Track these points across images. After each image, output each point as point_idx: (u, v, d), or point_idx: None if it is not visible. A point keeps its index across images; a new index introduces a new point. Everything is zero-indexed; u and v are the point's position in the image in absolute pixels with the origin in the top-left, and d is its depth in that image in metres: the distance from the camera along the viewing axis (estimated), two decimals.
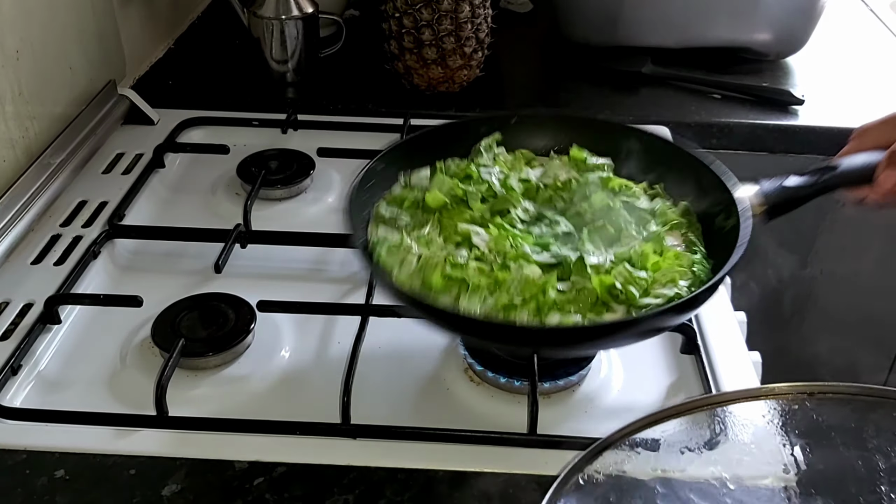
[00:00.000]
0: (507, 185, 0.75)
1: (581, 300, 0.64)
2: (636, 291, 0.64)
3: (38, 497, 0.60)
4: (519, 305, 0.63)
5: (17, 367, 0.71)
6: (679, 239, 0.72)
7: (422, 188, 0.75)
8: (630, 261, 0.67)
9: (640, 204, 0.74)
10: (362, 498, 0.61)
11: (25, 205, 0.88)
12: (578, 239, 0.70)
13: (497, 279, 0.64)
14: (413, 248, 0.67)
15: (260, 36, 1.17)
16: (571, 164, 0.78)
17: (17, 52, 0.88)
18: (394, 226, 0.71)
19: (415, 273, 0.66)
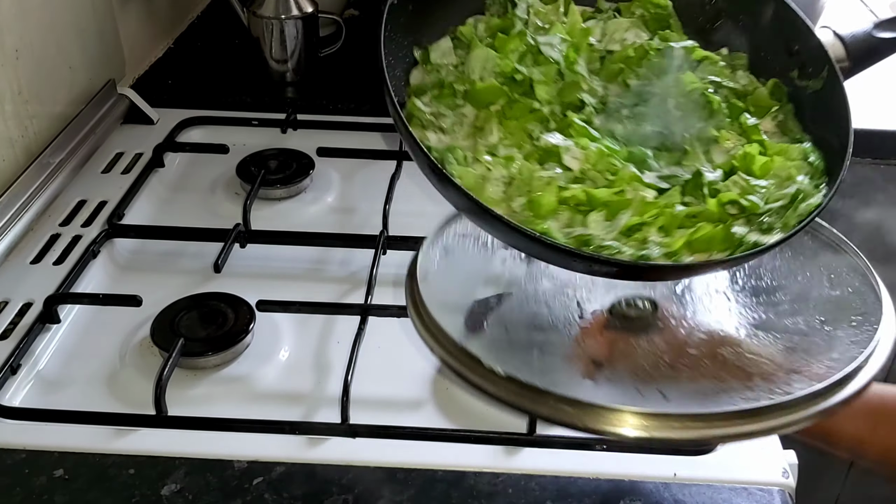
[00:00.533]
0: (571, 63, 0.63)
1: (704, 217, 0.56)
2: (759, 201, 0.57)
3: (37, 496, 0.60)
4: (647, 225, 0.54)
5: (16, 366, 0.71)
6: (771, 124, 0.65)
7: (451, 67, 0.65)
8: (735, 166, 0.59)
9: (730, 83, 0.65)
10: (361, 497, 0.61)
11: (25, 204, 0.88)
12: (673, 140, 0.61)
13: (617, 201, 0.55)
14: (489, 162, 0.57)
15: (259, 35, 1.17)
16: (638, 22, 0.67)
17: (17, 51, 0.88)
18: (439, 128, 0.61)
19: (506, 195, 0.56)
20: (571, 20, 0.66)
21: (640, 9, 0.68)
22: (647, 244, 0.54)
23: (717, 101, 0.62)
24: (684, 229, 0.55)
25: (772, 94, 0.66)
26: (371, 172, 1.00)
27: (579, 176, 0.57)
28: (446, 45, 0.65)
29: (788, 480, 0.63)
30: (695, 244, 0.54)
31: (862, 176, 1.16)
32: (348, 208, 0.96)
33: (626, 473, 0.63)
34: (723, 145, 0.62)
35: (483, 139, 0.59)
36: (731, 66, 0.67)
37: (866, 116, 1.17)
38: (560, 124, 0.60)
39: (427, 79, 0.64)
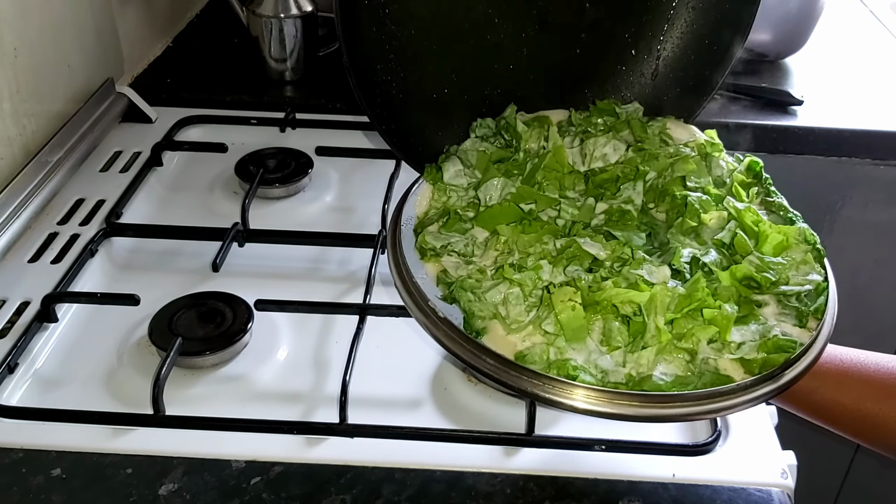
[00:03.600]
0: (564, 190, 0.70)
1: (724, 299, 0.60)
2: (772, 277, 0.61)
3: (34, 496, 0.60)
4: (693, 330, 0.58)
5: (13, 365, 0.70)
6: (758, 203, 0.69)
7: (462, 189, 0.70)
8: (740, 242, 0.63)
9: (704, 179, 0.70)
10: (359, 497, 0.61)
11: (23, 202, 0.87)
12: (659, 241, 0.66)
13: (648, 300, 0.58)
14: (513, 276, 0.60)
15: (259, 34, 1.17)
16: (612, 135, 0.73)
17: (15, 49, 0.88)
18: (454, 252, 0.65)
19: (537, 318, 0.59)
20: (554, 145, 0.72)
21: (599, 118, 0.75)
22: (700, 362, 0.57)
23: (690, 200, 0.67)
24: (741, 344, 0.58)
25: (747, 171, 0.72)
26: (370, 172, 1.00)
27: (605, 274, 0.61)
28: (456, 166, 0.71)
29: (787, 481, 0.63)
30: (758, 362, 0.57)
31: (862, 176, 1.16)
32: (347, 207, 0.96)
33: (624, 474, 0.63)
34: (708, 225, 0.66)
35: (505, 258, 0.63)
36: (707, 154, 0.72)
37: (866, 116, 1.17)
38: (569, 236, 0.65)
39: (432, 206, 0.70)
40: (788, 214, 0.67)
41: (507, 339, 0.58)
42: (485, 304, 0.59)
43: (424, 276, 0.63)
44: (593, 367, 0.56)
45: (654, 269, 0.60)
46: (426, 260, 0.64)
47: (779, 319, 0.60)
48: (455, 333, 0.57)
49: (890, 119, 1.16)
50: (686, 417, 0.60)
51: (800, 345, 0.57)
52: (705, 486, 0.62)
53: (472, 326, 0.58)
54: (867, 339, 1.30)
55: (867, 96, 1.23)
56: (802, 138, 1.14)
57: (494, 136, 0.74)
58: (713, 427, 0.66)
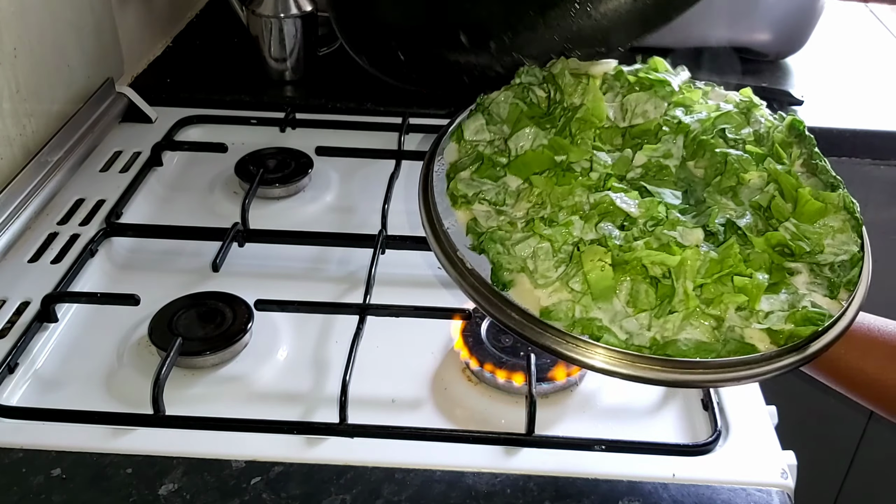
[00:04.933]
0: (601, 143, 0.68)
1: (755, 266, 0.58)
2: (806, 247, 0.60)
3: (34, 496, 0.60)
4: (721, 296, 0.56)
5: (13, 365, 0.70)
6: (797, 164, 0.67)
7: (485, 142, 0.69)
8: (778, 206, 0.62)
9: (745, 131, 0.68)
10: (359, 497, 0.61)
11: (22, 202, 0.87)
12: (696, 197, 0.64)
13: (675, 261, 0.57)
14: (543, 231, 0.59)
15: (258, 34, 1.17)
16: (652, 93, 0.72)
17: (15, 49, 0.88)
18: (485, 200, 0.64)
19: (564, 275, 0.58)
20: (593, 98, 0.70)
21: (646, 81, 0.73)
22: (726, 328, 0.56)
23: (730, 159, 0.65)
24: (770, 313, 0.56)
25: (790, 129, 0.69)
26: (370, 171, 1.00)
27: (637, 233, 0.59)
28: (479, 122, 0.70)
29: (787, 481, 0.63)
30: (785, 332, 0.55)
31: (862, 176, 1.16)
32: (347, 207, 0.96)
33: (624, 474, 0.63)
34: (747, 185, 0.64)
35: (538, 211, 0.62)
36: (747, 109, 0.71)
37: (866, 116, 1.17)
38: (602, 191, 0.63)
39: (463, 155, 0.68)
40: (830, 179, 0.65)
41: (534, 293, 0.58)
42: (513, 258, 0.59)
43: (454, 224, 0.62)
44: (618, 327, 0.56)
45: (686, 232, 0.59)
46: (457, 207, 0.63)
47: (810, 289, 0.59)
48: (482, 285, 0.57)
49: (890, 119, 1.16)
50: (707, 384, 0.60)
51: (828, 317, 0.56)
52: (705, 487, 0.62)
53: (499, 279, 0.58)
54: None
55: (867, 96, 1.23)
56: None
57: (540, 84, 0.73)
58: (713, 427, 0.66)
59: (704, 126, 0.69)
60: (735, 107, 0.71)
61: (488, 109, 0.70)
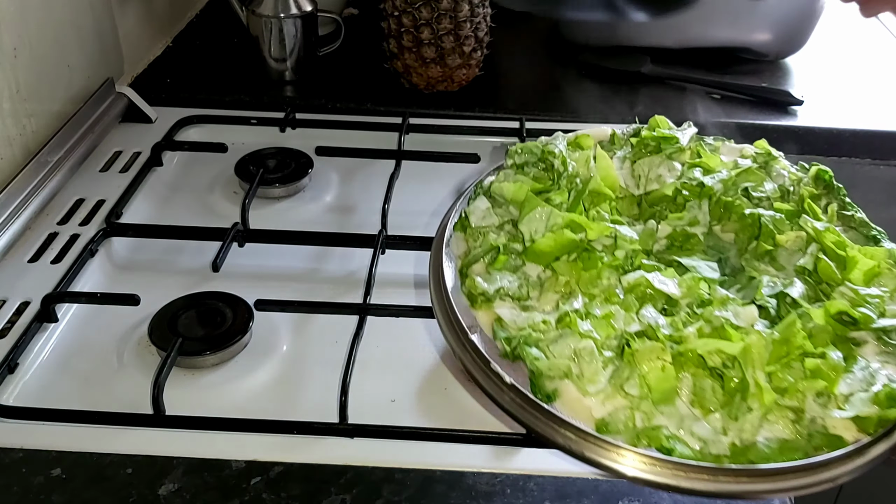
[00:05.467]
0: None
1: (820, 341, 0.53)
2: (872, 314, 0.53)
3: (34, 496, 0.60)
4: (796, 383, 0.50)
5: (13, 365, 0.70)
6: (832, 216, 0.62)
7: (496, 225, 0.63)
8: (814, 272, 0.57)
9: (769, 187, 0.63)
10: (359, 498, 0.61)
11: (22, 202, 0.87)
12: (731, 265, 0.59)
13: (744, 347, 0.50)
14: (581, 328, 0.52)
15: (258, 34, 1.17)
16: (663, 156, 0.66)
17: (15, 49, 0.88)
18: (508, 296, 0.57)
19: (616, 379, 0.51)
20: (602, 167, 0.65)
21: (651, 140, 0.68)
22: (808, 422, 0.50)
23: (764, 221, 0.60)
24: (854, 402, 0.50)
25: (816, 181, 0.65)
26: (370, 171, 1.00)
27: (685, 318, 0.53)
28: (484, 205, 0.64)
29: None
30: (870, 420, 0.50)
31: (862, 176, 1.16)
32: (347, 207, 0.96)
33: None
34: (784, 246, 0.59)
35: (568, 303, 0.56)
36: (766, 163, 0.66)
37: (866, 116, 1.17)
38: (631, 270, 0.58)
39: (473, 246, 0.61)
40: (871, 232, 0.61)
41: (583, 402, 0.51)
42: (554, 363, 0.52)
43: (477, 328, 0.56)
44: (689, 434, 0.49)
45: (739, 311, 0.54)
46: (477, 307, 0.57)
47: (881, 360, 0.53)
48: (525, 402, 0.50)
49: (890, 119, 1.16)
50: (801, 490, 0.49)
51: None
52: None
53: (541, 389, 0.52)
54: None
55: (867, 96, 1.23)
56: (802, 138, 1.13)
57: (536, 163, 0.67)
58: None
59: (726, 186, 0.63)
60: (753, 161, 0.66)
61: (490, 191, 0.64)
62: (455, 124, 1.08)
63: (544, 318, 0.55)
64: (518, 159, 0.67)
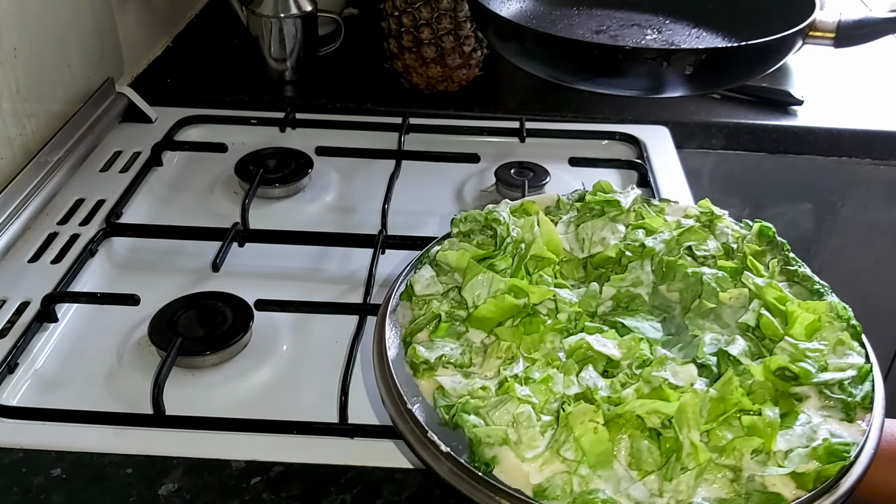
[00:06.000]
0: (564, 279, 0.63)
1: (760, 397, 0.53)
2: (811, 367, 0.53)
3: (34, 496, 0.60)
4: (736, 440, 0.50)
5: (13, 365, 0.70)
6: (777, 274, 0.62)
7: (439, 295, 0.63)
8: (756, 329, 0.57)
9: (712, 245, 0.64)
10: (359, 497, 0.61)
11: (23, 202, 0.87)
12: (675, 324, 0.59)
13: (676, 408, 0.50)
14: (519, 393, 0.52)
15: (258, 34, 1.17)
16: (607, 218, 0.67)
17: (15, 49, 0.88)
18: (450, 364, 0.57)
19: (553, 444, 0.51)
20: (545, 231, 0.66)
21: (595, 204, 0.69)
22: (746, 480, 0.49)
23: (706, 279, 0.60)
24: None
25: (759, 236, 0.65)
26: (370, 171, 1.00)
27: (624, 379, 0.53)
28: (428, 274, 0.64)
29: None
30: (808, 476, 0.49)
31: (862, 176, 1.16)
32: (347, 207, 0.96)
33: None
34: (728, 304, 0.60)
35: (509, 368, 0.56)
36: (710, 221, 0.67)
37: (866, 116, 1.17)
38: (575, 332, 0.58)
39: (417, 315, 0.61)
40: (815, 286, 0.61)
41: (522, 468, 0.50)
42: (492, 430, 0.51)
43: (420, 398, 0.56)
44: (625, 497, 0.49)
45: (678, 370, 0.53)
46: (419, 376, 0.56)
47: (823, 415, 0.53)
48: (461, 470, 0.50)
49: (890, 119, 1.16)
50: None
51: (853, 445, 0.50)
52: None
53: (479, 457, 0.51)
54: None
55: (867, 96, 1.23)
56: (802, 138, 1.14)
57: (481, 231, 0.67)
58: None
59: (669, 246, 0.64)
60: (696, 220, 0.67)
61: (435, 260, 0.65)
62: (455, 124, 1.08)
63: (484, 385, 0.54)
64: (463, 227, 0.67)
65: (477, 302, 0.60)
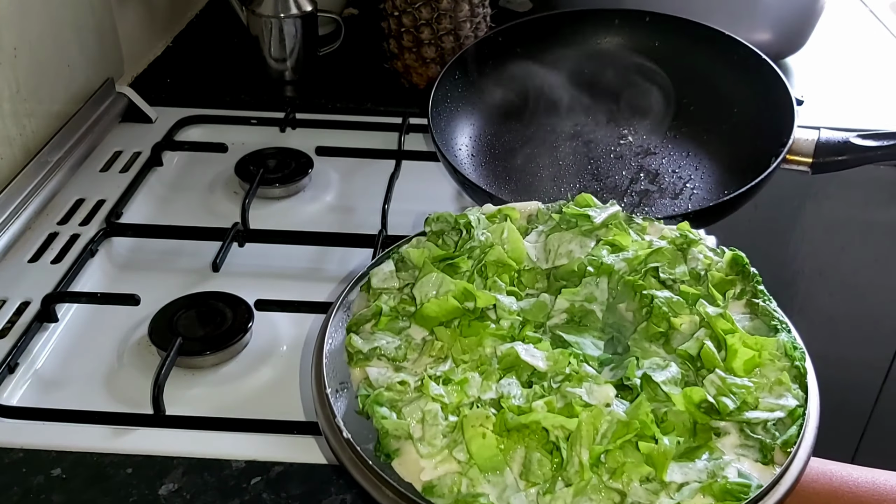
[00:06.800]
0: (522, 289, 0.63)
1: (677, 427, 0.52)
2: (731, 403, 0.52)
3: (34, 495, 0.60)
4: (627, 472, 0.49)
5: (13, 365, 0.71)
6: (739, 304, 0.61)
7: (395, 290, 0.64)
8: (698, 359, 0.56)
9: (678, 270, 0.63)
10: (359, 497, 0.61)
11: (23, 202, 0.87)
12: (622, 345, 0.59)
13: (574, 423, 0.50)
14: (433, 391, 0.53)
15: (258, 34, 1.17)
16: (577, 231, 0.66)
17: (15, 49, 0.88)
18: (383, 356, 0.58)
19: (451, 442, 0.51)
20: (511, 239, 0.65)
21: (571, 216, 0.68)
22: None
23: (657, 302, 0.59)
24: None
25: (731, 265, 0.64)
26: (370, 172, 1.00)
27: (540, 392, 0.53)
28: (388, 268, 0.64)
29: None
30: None
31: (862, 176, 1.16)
32: (347, 207, 0.96)
33: None
34: (680, 330, 0.58)
35: (436, 367, 0.56)
36: (686, 245, 0.65)
37: (866, 116, 1.17)
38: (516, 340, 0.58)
39: (366, 309, 0.62)
40: (772, 321, 0.59)
41: (420, 464, 0.51)
42: (399, 423, 0.52)
43: (348, 385, 0.57)
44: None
45: (595, 389, 0.53)
46: (353, 365, 0.57)
47: (738, 453, 0.51)
48: (356, 456, 0.51)
49: (890, 119, 1.16)
50: None
51: (756, 487, 0.49)
52: None
53: (384, 447, 0.51)
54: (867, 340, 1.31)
55: (867, 96, 1.23)
56: None
57: (452, 230, 0.67)
58: None
59: (633, 265, 0.63)
60: (670, 243, 0.65)
61: (401, 255, 0.65)
62: None
63: (403, 380, 0.55)
64: (435, 227, 0.68)
65: (424, 300, 0.60)
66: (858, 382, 1.36)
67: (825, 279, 1.26)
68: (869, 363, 1.35)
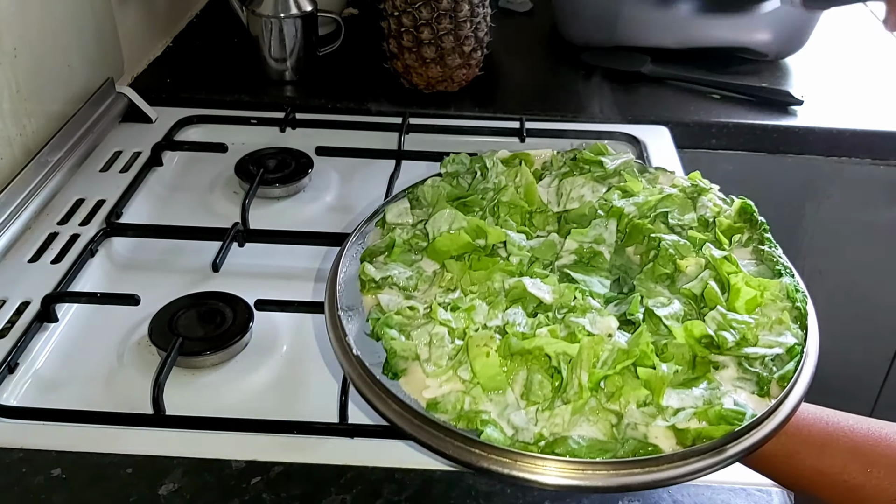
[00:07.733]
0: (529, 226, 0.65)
1: (676, 358, 0.54)
2: (730, 337, 0.54)
3: (34, 496, 0.60)
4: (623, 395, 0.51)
5: (13, 365, 0.70)
6: (745, 251, 0.63)
7: (408, 226, 0.66)
8: (701, 299, 0.57)
9: (688, 216, 0.65)
10: (359, 498, 0.61)
11: (23, 202, 0.87)
12: (630, 283, 0.61)
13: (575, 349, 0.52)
14: (440, 316, 0.55)
15: (258, 34, 1.17)
16: (589, 177, 0.68)
17: (15, 49, 0.88)
18: (395, 286, 0.60)
19: (455, 362, 0.53)
20: (526, 181, 0.68)
21: (584, 163, 0.70)
22: (627, 426, 0.51)
23: (664, 245, 0.61)
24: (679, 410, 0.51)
25: (739, 213, 0.65)
26: (370, 171, 1.00)
27: (544, 322, 0.55)
28: (403, 205, 0.67)
29: None
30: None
31: (862, 176, 1.16)
32: (347, 207, 0.96)
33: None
34: (685, 272, 0.60)
35: (445, 296, 0.59)
36: (696, 194, 0.67)
37: (866, 116, 1.17)
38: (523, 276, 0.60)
39: (380, 241, 0.65)
40: (777, 266, 0.61)
41: (425, 383, 0.53)
42: (407, 344, 0.54)
43: (358, 310, 0.59)
44: (506, 421, 0.51)
45: (598, 319, 0.54)
46: (365, 292, 0.60)
47: (736, 385, 0.53)
48: (365, 372, 0.53)
49: (890, 119, 1.16)
50: (597, 490, 0.50)
51: (751, 416, 0.50)
52: (705, 486, 0.62)
53: (392, 367, 0.54)
54: (867, 339, 1.31)
55: (867, 96, 1.23)
56: (802, 138, 1.14)
57: (467, 172, 0.70)
58: None
59: (643, 210, 0.65)
60: (681, 191, 0.67)
61: (415, 193, 0.68)
62: (455, 124, 1.08)
63: (413, 305, 0.58)
64: (450, 168, 0.71)
65: (436, 234, 0.63)
66: (858, 382, 1.36)
67: (825, 279, 1.26)
68: (869, 363, 1.35)
